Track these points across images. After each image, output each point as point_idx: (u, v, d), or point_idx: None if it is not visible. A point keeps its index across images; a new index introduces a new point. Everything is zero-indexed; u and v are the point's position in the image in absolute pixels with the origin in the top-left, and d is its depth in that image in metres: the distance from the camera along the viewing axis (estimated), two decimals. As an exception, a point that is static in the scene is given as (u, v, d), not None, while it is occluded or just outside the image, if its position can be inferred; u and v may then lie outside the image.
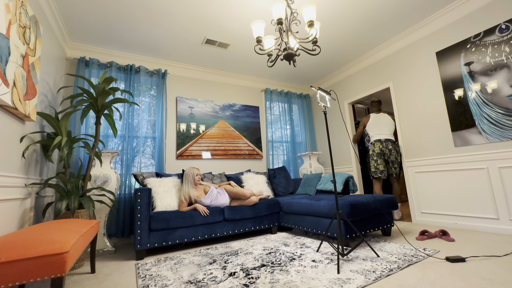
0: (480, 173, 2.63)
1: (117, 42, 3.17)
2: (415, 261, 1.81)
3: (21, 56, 1.80)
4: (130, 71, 3.37)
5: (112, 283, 1.76)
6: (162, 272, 1.90)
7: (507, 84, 2.45)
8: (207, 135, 3.87)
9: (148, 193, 2.45)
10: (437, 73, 3.04)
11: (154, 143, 3.49)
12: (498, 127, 2.51)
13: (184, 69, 3.90)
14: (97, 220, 1.97)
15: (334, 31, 3.22)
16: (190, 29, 3.01)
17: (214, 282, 1.65)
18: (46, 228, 1.39)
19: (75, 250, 1.27)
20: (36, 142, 2.11)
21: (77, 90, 3.02)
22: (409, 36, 3.31)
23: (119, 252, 2.64)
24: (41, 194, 2.27)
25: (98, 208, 2.64)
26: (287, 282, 1.58)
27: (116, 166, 3.11)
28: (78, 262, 2.12)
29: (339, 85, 4.51)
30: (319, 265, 1.83)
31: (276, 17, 2.07)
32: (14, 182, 1.76)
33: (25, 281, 1.07)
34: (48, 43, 2.50)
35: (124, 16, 2.72)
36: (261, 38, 2.24)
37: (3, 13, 1.55)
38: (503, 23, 2.49)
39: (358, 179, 4.13)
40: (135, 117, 3.34)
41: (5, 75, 1.58)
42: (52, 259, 1.11)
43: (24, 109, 1.82)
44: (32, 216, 2.07)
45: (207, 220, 2.63)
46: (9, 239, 1.16)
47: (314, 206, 2.56)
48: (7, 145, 1.71)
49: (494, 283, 1.40)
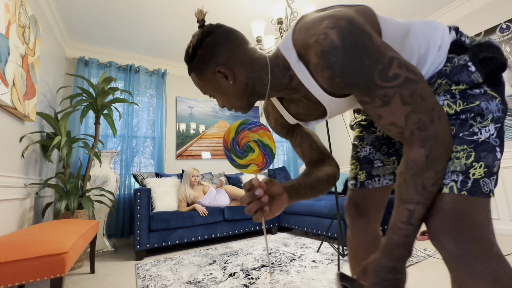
0: (480, 173, 2.63)
1: (117, 42, 3.17)
2: (416, 261, 1.80)
3: (20, 56, 1.79)
4: (130, 71, 3.36)
5: (112, 284, 1.75)
6: (161, 272, 1.90)
7: (507, 84, 2.45)
8: (207, 135, 3.86)
9: (148, 193, 2.44)
10: (437, 73, 3.04)
11: (153, 143, 3.49)
12: (498, 127, 2.51)
13: (184, 69, 3.90)
14: (96, 221, 1.96)
15: (334, 31, 3.21)
16: (190, 29, 3.01)
17: (214, 282, 1.64)
18: (46, 228, 1.39)
19: (74, 250, 1.26)
20: (35, 142, 2.11)
21: (77, 90, 3.01)
22: (409, 36, 3.31)
23: (118, 253, 2.64)
24: (40, 194, 2.26)
25: (98, 208, 2.64)
26: (287, 282, 1.57)
27: (116, 166, 3.10)
28: (78, 262, 2.12)
29: (339, 85, 4.50)
30: (319, 266, 1.83)
31: (276, 16, 2.07)
32: (13, 182, 1.75)
33: (24, 281, 1.06)
34: (48, 43, 2.49)
35: (124, 16, 2.71)
36: (261, 38, 2.24)
37: (2, 12, 1.55)
38: (504, 23, 2.49)
39: (358, 179, 4.13)
40: (135, 117, 3.33)
41: (5, 75, 1.57)
42: (51, 259, 1.10)
43: (23, 109, 1.81)
44: (32, 216, 2.06)
45: (207, 220, 2.62)
46: (9, 239, 1.15)
47: (314, 206, 2.56)
48: (6, 145, 1.71)
49: (495, 283, 1.40)
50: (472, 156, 0.51)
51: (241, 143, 0.58)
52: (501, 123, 0.52)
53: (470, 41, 0.57)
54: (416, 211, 0.50)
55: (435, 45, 0.57)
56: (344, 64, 0.47)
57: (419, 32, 0.59)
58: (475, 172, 0.50)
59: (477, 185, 0.50)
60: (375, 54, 0.47)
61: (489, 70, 0.53)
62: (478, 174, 0.50)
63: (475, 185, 0.50)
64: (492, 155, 0.51)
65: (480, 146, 0.51)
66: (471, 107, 0.52)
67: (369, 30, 0.49)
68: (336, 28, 0.47)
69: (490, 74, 0.53)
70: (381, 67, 0.47)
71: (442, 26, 0.60)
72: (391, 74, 0.47)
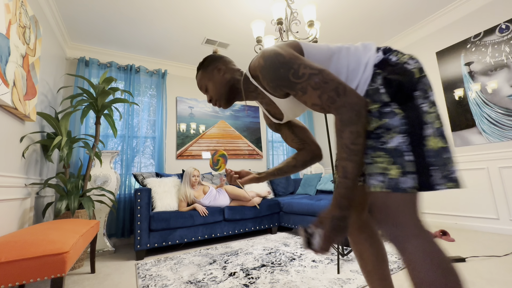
0: (480, 173, 2.63)
1: (117, 42, 3.17)
2: (415, 261, 1.80)
3: (21, 56, 1.79)
4: (130, 71, 3.37)
5: (112, 283, 1.76)
6: (162, 272, 1.90)
7: (507, 84, 2.45)
8: (207, 135, 3.87)
9: (148, 193, 2.44)
10: (437, 73, 3.04)
11: (154, 143, 3.49)
12: (498, 127, 2.51)
13: (184, 69, 3.90)
14: (97, 220, 1.97)
15: (334, 31, 3.22)
16: (190, 29, 3.01)
17: (214, 282, 1.65)
18: (46, 228, 1.39)
19: (75, 250, 1.26)
20: (36, 142, 2.11)
21: (77, 90, 3.02)
22: (409, 36, 3.31)
23: (119, 252, 2.64)
24: (41, 194, 2.27)
25: (98, 208, 2.64)
26: (287, 282, 1.57)
27: (116, 166, 3.11)
28: (78, 262, 2.12)
29: (339, 85, 4.51)
30: (319, 265, 1.83)
31: (276, 17, 2.07)
32: (14, 182, 1.76)
33: (25, 281, 1.07)
34: (48, 43, 2.50)
35: (124, 16, 2.72)
36: (261, 38, 2.24)
37: (3, 13, 1.55)
38: (503, 23, 2.49)
39: (358, 179, 4.13)
40: (135, 117, 3.34)
41: (5, 75, 1.58)
42: (52, 259, 1.11)
43: (24, 109, 1.81)
44: (32, 216, 2.07)
45: (207, 220, 2.62)
46: (9, 239, 1.16)
47: (314, 206, 2.56)
48: (7, 145, 1.71)
49: (494, 283, 1.40)
50: (387, 161, 0.66)
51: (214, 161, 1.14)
52: (409, 133, 0.66)
53: (395, 60, 0.73)
54: (347, 166, 0.65)
55: (363, 62, 0.75)
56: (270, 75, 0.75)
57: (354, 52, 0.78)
58: (392, 173, 0.65)
59: (395, 183, 0.64)
60: (287, 65, 0.72)
61: (392, 91, 0.68)
62: (395, 174, 0.65)
63: (393, 183, 0.65)
64: (402, 159, 0.65)
65: (392, 152, 0.66)
66: (381, 124, 0.68)
67: (283, 52, 0.74)
68: (263, 57, 0.77)
69: (398, 93, 0.68)
70: (292, 71, 0.72)
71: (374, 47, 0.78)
72: (301, 74, 0.71)
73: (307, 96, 0.71)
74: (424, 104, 0.68)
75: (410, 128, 0.66)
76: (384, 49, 0.77)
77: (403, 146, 0.65)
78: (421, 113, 0.67)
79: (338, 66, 0.78)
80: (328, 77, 0.68)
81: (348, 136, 0.64)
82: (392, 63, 0.72)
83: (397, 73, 0.70)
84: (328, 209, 0.69)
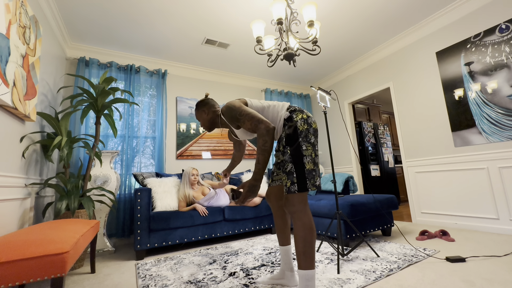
0: (480, 173, 2.63)
1: (117, 42, 3.17)
2: (415, 261, 1.81)
3: (21, 56, 1.80)
4: (130, 71, 3.37)
5: (112, 283, 1.76)
6: (162, 272, 1.90)
7: (507, 84, 2.45)
8: (207, 135, 3.87)
9: (148, 193, 2.45)
10: (437, 73, 3.04)
11: (154, 143, 3.49)
12: (498, 127, 2.51)
13: (184, 69, 3.90)
14: (97, 220, 1.97)
15: (334, 31, 3.22)
16: (190, 29, 3.01)
17: (214, 282, 1.65)
18: (46, 228, 1.39)
19: (75, 250, 1.27)
20: (36, 142, 2.11)
21: (77, 90, 3.02)
22: (409, 36, 3.31)
23: (119, 252, 2.64)
24: (41, 194, 2.27)
25: (98, 208, 2.64)
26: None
27: (116, 166, 3.11)
28: (78, 262, 2.12)
29: (339, 85, 4.51)
30: (319, 265, 1.83)
31: (276, 17, 2.07)
32: (14, 182, 1.76)
33: (25, 281, 1.07)
34: (48, 43, 2.50)
35: (124, 16, 2.72)
36: (261, 38, 2.24)
37: (3, 13, 1.55)
38: (503, 23, 2.49)
39: (358, 179, 4.13)
40: (135, 117, 3.34)
41: (5, 75, 1.58)
42: (52, 259, 1.11)
43: (24, 109, 1.81)
44: (32, 216, 2.07)
45: (207, 220, 2.63)
46: (9, 239, 1.16)
47: (314, 206, 2.56)
48: (7, 145, 1.71)
49: (494, 283, 1.40)
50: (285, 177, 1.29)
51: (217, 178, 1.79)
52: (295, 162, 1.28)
53: (294, 118, 1.35)
54: (259, 158, 1.23)
55: (279, 116, 1.40)
56: (227, 115, 1.39)
57: (276, 107, 1.43)
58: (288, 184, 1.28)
59: (288, 189, 1.27)
60: (236, 110, 1.35)
61: (286, 140, 1.32)
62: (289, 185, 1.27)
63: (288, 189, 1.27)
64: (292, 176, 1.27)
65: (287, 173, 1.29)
66: (282, 158, 1.32)
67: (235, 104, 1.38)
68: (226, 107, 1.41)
69: (289, 140, 1.32)
70: (238, 112, 1.33)
71: (286, 107, 1.42)
72: (242, 114, 1.32)
73: (245, 124, 1.31)
74: (304, 145, 1.30)
75: (295, 159, 1.28)
76: (290, 110, 1.40)
77: (292, 169, 1.27)
78: (301, 151, 1.29)
79: (267, 116, 1.43)
80: (255, 115, 1.29)
81: (261, 142, 1.23)
82: (291, 121, 1.34)
83: (291, 127, 1.33)
84: (248, 180, 1.24)
